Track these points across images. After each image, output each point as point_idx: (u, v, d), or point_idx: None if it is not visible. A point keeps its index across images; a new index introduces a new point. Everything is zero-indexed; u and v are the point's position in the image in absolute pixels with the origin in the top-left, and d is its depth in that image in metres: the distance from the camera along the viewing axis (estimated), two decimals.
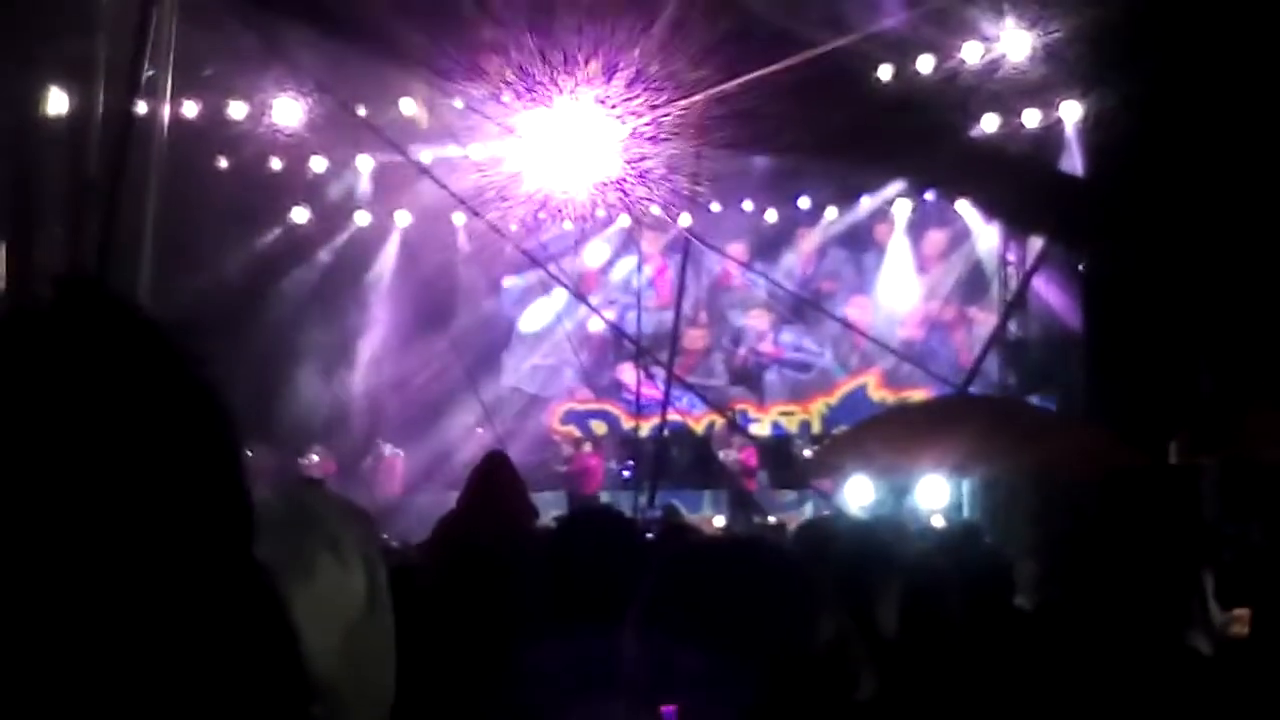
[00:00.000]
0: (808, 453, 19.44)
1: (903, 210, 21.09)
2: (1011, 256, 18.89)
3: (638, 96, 12.91)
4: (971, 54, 14.58)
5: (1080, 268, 16.03)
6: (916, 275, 21.46)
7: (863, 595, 3.58)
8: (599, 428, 21.87)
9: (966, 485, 14.23)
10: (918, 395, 17.96)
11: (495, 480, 6.77)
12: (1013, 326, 18.06)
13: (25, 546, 1.09)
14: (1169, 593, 4.01)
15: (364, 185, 20.54)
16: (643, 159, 14.48)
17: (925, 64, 14.91)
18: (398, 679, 1.83)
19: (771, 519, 15.04)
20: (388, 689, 1.81)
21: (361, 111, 15.53)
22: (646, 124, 13.20)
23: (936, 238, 21.25)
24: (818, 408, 21.78)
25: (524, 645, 3.43)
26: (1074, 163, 15.70)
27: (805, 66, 12.16)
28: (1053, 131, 16.10)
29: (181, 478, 1.15)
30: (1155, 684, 3.12)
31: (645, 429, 18.45)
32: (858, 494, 14.38)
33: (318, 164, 19.65)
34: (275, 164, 18.97)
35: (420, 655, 1.90)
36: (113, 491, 1.11)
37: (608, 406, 21.98)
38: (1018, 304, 17.96)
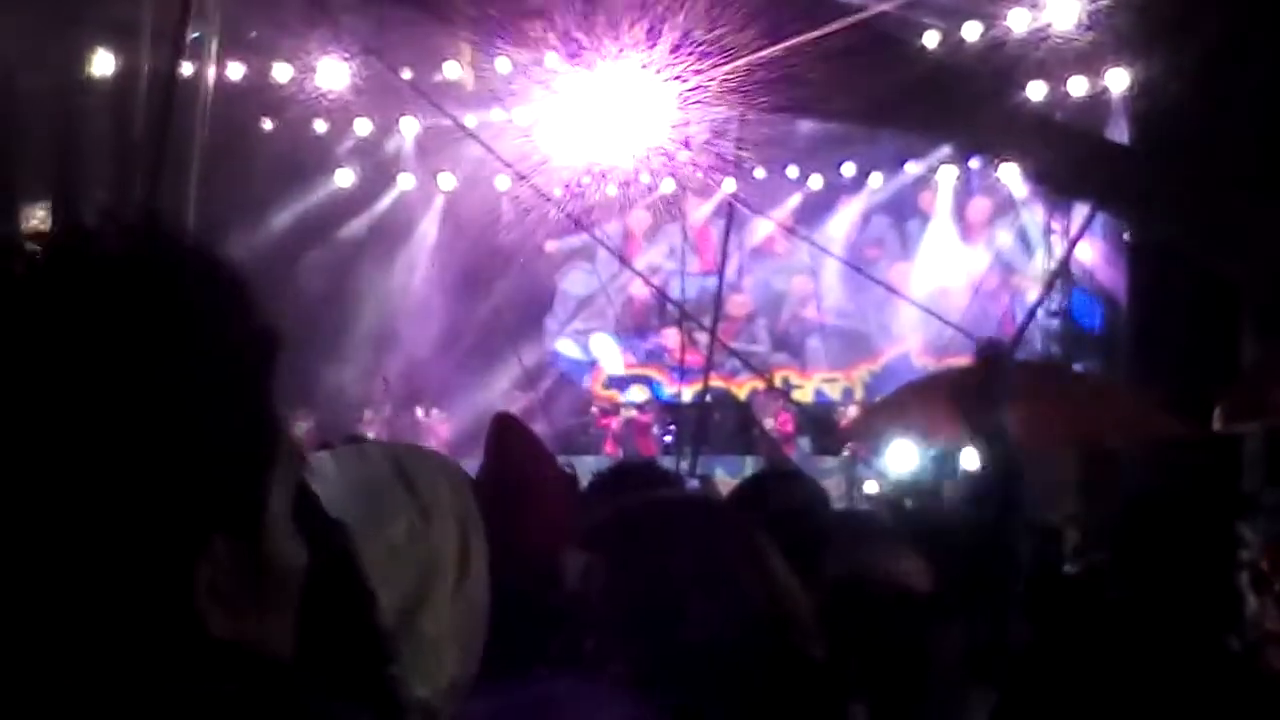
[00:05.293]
0: (845, 416, 19.41)
1: (948, 177, 20.99)
2: (1056, 224, 18.80)
3: (682, 60, 12.86)
4: (1018, 22, 14.49)
5: (1125, 236, 15.95)
6: (961, 242, 21.38)
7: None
8: (640, 393, 21.88)
9: None
10: (961, 363, 17.86)
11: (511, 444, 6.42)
12: (1057, 294, 17.99)
13: (82, 464, 1.10)
14: (1215, 562, 4.00)
15: (408, 148, 20.56)
16: (687, 124, 14.45)
17: (972, 31, 14.86)
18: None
19: None
20: (462, 663, 1.68)
21: (406, 74, 15.52)
22: (691, 88, 13.16)
23: (981, 205, 21.17)
24: (860, 375, 21.75)
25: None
26: (1120, 131, 15.62)
27: (851, 31, 12.09)
28: (1099, 99, 15.99)
29: (232, 406, 1.16)
30: (1203, 658, 3.13)
31: (687, 394, 18.42)
32: (899, 460, 14.30)
33: (362, 126, 19.67)
34: (320, 126, 19.01)
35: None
36: (157, 417, 1.11)
37: (650, 371, 21.98)
38: (1062, 272, 17.88)
